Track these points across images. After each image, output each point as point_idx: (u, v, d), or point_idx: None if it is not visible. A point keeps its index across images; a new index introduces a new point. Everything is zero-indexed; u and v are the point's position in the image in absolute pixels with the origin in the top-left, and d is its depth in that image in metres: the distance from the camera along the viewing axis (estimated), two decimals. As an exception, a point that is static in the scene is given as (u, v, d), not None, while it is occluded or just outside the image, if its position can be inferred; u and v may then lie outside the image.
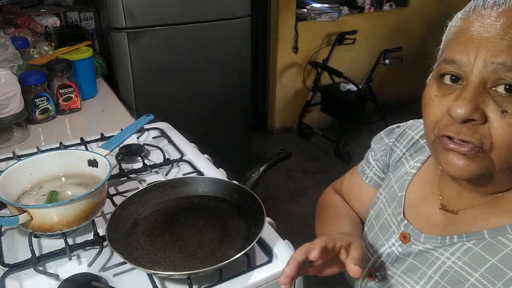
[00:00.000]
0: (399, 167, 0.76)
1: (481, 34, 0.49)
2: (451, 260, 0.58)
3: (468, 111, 0.48)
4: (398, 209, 0.69)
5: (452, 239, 0.59)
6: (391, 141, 0.80)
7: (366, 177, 0.86)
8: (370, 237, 0.74)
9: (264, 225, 0.73)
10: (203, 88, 2.11)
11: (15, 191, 0.83)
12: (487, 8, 0.51)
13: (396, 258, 0.66)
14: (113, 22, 1.83)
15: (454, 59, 0.51)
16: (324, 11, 3.34)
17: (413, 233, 0.65)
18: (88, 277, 0.70)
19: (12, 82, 1.21)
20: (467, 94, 0.49)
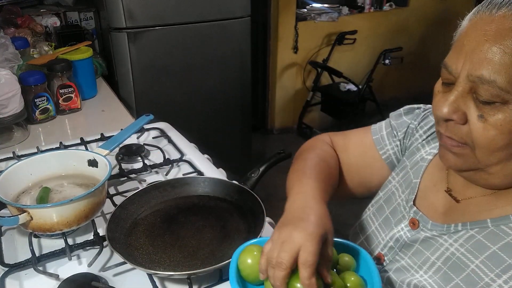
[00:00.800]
0: (415, 152, 0.76)
1: (471, 42, 0.53)
2: (454, 247, 0.60)
3: (447, 113, 0.55)
4: (410, 195, 0.71)
5: (457, 227, 0.61)
6: (414, 124, 0.79)
7: (384, 152, 0.82)
8: (381, 220, 0.75)
9: (264, 225, 0.74)
10: (203, 88, 2.11)
11: (15, 191, 0.83)
12: (486, 11, 0.54)
13: (404, 244, 0.68)
14: (113, 22, 1.83)
15: (447, 65, 0.56)
16: (324, 11, 3.34)
17: (422, 220, 0.67)
18: (88, 277, 0.70)
19: (12, 82, 1.21)
20: (451, 97, 0.55)
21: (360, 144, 0.85)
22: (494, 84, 0.50)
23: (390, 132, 0.83)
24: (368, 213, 0.80)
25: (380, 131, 0.84)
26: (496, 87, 0.50)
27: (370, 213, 0.79)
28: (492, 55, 0.51)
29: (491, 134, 0.52)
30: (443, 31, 3.89)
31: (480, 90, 0.52)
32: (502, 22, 0.51)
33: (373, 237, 0.75)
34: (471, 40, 0.53)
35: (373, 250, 0.74)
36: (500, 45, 0.50)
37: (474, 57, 0.52)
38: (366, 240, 0.76)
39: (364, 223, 0.79)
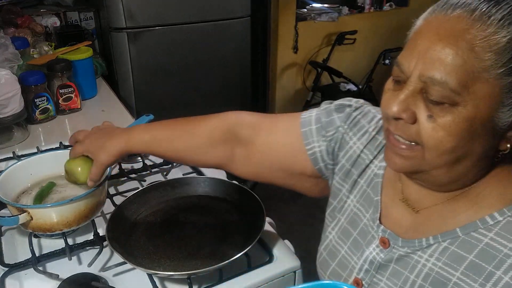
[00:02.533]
0: (366, 170, 0.73)
1: (424, 42, 0.53)
2: (431, 262, 0.59)
3: (396, 111, 0.54)
4: (375, 214, 0.69)
5: (428, 241, 0.60)
6: (344, 128, 0.74)
7: (310, 147, 0.76)
8: (350, 243, 0.72)
9: (264, 225, 0.74)
10: (203, 87, 2.11)
11: (15, 191, 0.83)
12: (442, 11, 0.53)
13: (379, 265, 0.66)
14: (113, 22, 1.83)
15: (399, 63, 0.56)
16: (324, 11, 3.34)
17: (391, 237, 0.65)
18: (88, 277, 0.70)
19: (12, 82, 1.21)
20: (401, 95, 0.54)
21: (287, 133, 0.79)
22: (445, 85, 0.50)
23: (319, 128, 0.76)
24: (330, 237, 0.75)
25: (309, 124, 0.77)
26: (447, 89, 0.50)
27: (336, 238, 0.74)
28: (445, 56, 0.50)
29: (440, 135, 0.52)
30: (443, 31, 3.89)
31: (431, 91, 0.51)
32: (457, 22, 0.51)
33: (345, 262, 0.71)
34: (424, 40, 0.53)
35: (349, 275, 0.70)
36: (453, 46, 0.50)
37: (426, 57, 0.52)
38: (338, 266, 0.72)
39: (331, 248, 0.74)
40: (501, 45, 0.48)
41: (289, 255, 0.78)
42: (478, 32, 0.49)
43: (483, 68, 0.49)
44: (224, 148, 0.80)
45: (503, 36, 0.49)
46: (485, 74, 0.49)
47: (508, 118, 0.51)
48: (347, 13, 3.41)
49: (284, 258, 0.77)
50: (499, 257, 0.53)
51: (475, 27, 0.49)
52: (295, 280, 0.78)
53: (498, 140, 0.53)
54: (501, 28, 0.49)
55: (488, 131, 0.52)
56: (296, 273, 0.77)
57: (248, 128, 0.80)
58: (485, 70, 0.49)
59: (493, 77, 0.49)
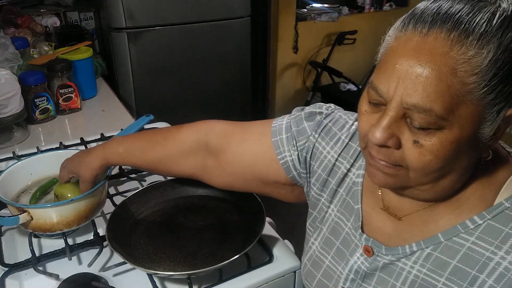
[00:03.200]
0: (344, 179, 0.71)
1: (403, 66, 0.49)
2: (416, 269, 0.59)
3: (382, 139, 0.52)
4: (357, 222, 0.68)
5: (412, 248, 0.60)
6: (314, 135, 0.74)
7: (282, 157, 0.76)
8: (333, 253, 0.70)
9: (264, 225, 0.74)
10: (203, 88, 2.11)
11: (15, 191, 0.83)
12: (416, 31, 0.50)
13: (364, 274, 0.65)
14: (113, 22, 1.83)
15: (377, 87, 0.52)
16: (324, 11, 3.34)
17: (375, 245, 0.64)
18: (88, 277, 0.70)
19: (12, 82, 1.21)
20: (384, 122, 0.52)
21: (258, 142, 0.78)
22: (430, 113, 0.48)
23: (289, 138, 0.76)
24: (314, 248, 0.74)
25: (280, 134, 0.77)
26: (433, 116, 0.48)
27: (319, 248, 0.73)
28: (428, 82, 0.47)
29: (427, 159, 0.50)
30: (443, 31, 3.89)
31: (415, 117, 0.49)
32: (435, 46, 0.47)
33: (330, 272, 0.70)
34: (403, 64, 0.49)
35: (335, 285, 0.69)
36: (435, 72, 0.47)
37: (407, 83, 0.48)
38: (324, 276, 0.71)
39: (315, 259, 0.73)
40: (483, 66, 0.46)
41: (289, 255, 0.78)
42: (459, 56, 0.47)
43: (467, 91, 0.47)
44: (196, 158, 0.81)
45: (484, 57, 0.46)
46: (469, 96, 0.47)
47: (490, 132, 0.50)
48: (347, 13, 3.41)
49: (284, 258, 0.77)
50: (482, 261, 0.53)
51: (455, 50, 0.47)
52: (295, 280, 0.78)
53: (481, 150, 0.53)
54: (481, 48, 0.46)
55: (473, 147, 0.51)
56: (296, 273, 0.77)
57: (219, 137, 0.80)
58: (470, 92, 0.47)
59: (476, 98, 0.47)
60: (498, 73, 0.47)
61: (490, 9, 0.48)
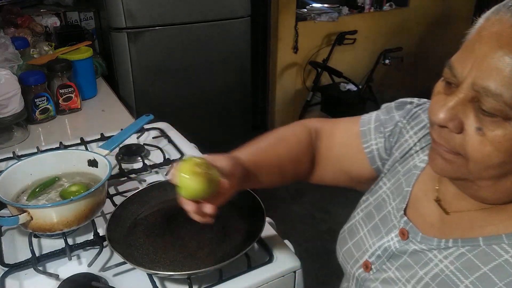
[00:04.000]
0: (408, 159, 0.72)
1: (482, 47, 0.48)
2: (444, 264, 0.58)
3: (442, 120, 0.51)
4: (401, 204, 0.68)
5: (447, 243, 0.59)
6: (402, 122, 0.74)
7: (368, 146, 0.77)
8: (370, 227, 0.72)
9: (264, 225, 0.74)
10: (203, 88, 2.11)
11: (15, 191, 0.83)
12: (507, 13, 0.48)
13: (392, 254, 0.66)
14: (113, 22, 1.83)
15: (452, 66, 0.52)
16: (324, 11, 3.34)
17: (412, 231, 0.64)
18: (88, 277, 0.70)
19: (12, 82, 1.21)
20: (450, 102, 0.51)
21: (346, 133, 0.81)
22: (499, 98, 0.46)
23: (378, 126, 0.77)
24: (357, 218, 0.76)
25: (369, 123, 0.79)
26: (501, 102, 0.46)
27: (359, 218, 0.75)
28: (504, 66, 0.46)
29: (487, 150, 0.49)
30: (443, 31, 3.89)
31: (485, 102, 0.48)
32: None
33: (361, 243, 0.72)
34: (483, 45, 0.48)
35: (360, 257, 0.71)
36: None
37: (483, 64, 0.47)
38: (354, 246, 0.73)
39: (353, 228, 0.75)
40: None
41: (289, 255, 0.78)
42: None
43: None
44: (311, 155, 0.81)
45: None
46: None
47: None
48: (347, 13, 3.41)
49: (284, 258, 0.77)
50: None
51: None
52: (295, 280, 0.78)
53: None
54: None
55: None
56: (296, 273, 0.77)
57: (316, 134, 0.83)
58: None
59: None
60: None
61: None
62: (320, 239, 2.33)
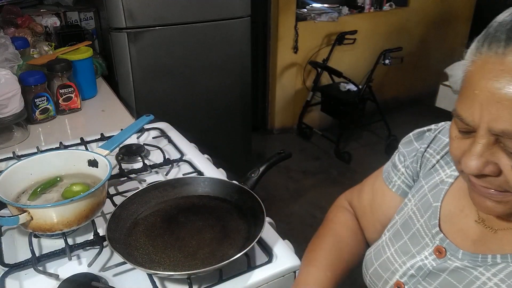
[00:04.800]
0: (433, 174, 0.70)
1: (483, 91, 0.46)
2: (493, 282, 0.54)
3: (477, 169, 0.49)
4: (433, 220, 0.65)
5: (495, 259, 0.55)
6: (423, 147, 0.73)
7: (393, 185, 0.78)
8: (398, 246, 0.69)
9: (264, 225, 0.73)
10: (203, 88, 2.11)
11: (15, 191, 0.83)
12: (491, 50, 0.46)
13: (428, 273, 0.62)
14: (113, 22, 1.83)
15: (461, 116, 0.50)
16: (324, 11, 3.34)
17: (450, 248, 0.61)
18: (88, 277, 0.70)
19: (12, 82, 1.21)
20: (475, 150, 0.48)
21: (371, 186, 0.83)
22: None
23: (397, 163, 0.78)
24: (383, 238, 0.73)
25: (388, 167, 0.80)
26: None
27: (386, 239, 0.72)
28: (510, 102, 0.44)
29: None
30: (443, 31, 3.89)
31: (507, 143, 0.46)
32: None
33: (388, 263, 0.69)
34: (482, 89, 0.46)
35: (390, 277, 0.68)
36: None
37: (491, 108, 0.45)
38: (380, 266, 0.70)
39: (380, 249, 0.73)
40: None
41: (289, 255, 0.78)
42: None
43: None
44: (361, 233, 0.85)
45: None
46: None
47: None
48: (347, 13, 3.41)
49: (284, 258, 0.77)
50: None
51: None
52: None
53: None
54: None
55: None
56: (296, 273, 0.76)
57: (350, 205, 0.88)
58: None
59: None
60: None
61: None
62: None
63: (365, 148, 3.40)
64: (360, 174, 3.33)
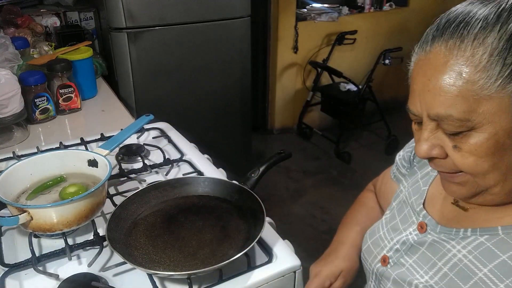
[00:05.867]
0: (426, 164, 0.77)
1: (418, 84, 0.55)
2: (462, 253, 0.60)
3: (425, 152, 0.56)
4: (419, 200, 0.72)
5: (466, 233, 0.61)
6: None
7: (392, 173, 0.89)
8: (390, 226, 0.76)
9: (264, 225, 0.74)
10: (203, 88, 2.11)
11: (15, 191, 0.83)
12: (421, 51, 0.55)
13: (410, 246, 0.68)
14: (113, 22, 1.83)
15: (409, 108, 0.58)
16: (324, 11, 3.34)
17: (430, 223, 0.67)
18: (88, 277, 0.70)
19: (12, 82, 1.21)
20: (423, 135, 0.56)
21: (383, 176, 0.94)
22: (451, 118, 0.51)
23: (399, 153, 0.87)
24: (380, 221, 0.81)
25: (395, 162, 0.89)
26: (455, 120, 0.51)
27: (382, 221, 0.80)
28: (438, 91, 0.51)
29: (471, 161, 0.53)
30: (443, 31, 3.88)
31: (444, 125, 0.53)
32: (436, 58, 0.52)
33: (380, 240, 0.76)
34: (417, 82, 0.55)
35: (379, 253, 0.74)
36: (442, 81, 0.51)
37: (425, 98, 0.53)
38: (373, 244, 0.77)
39: (375, 229, 0.80)
40: (484, 62, 0.48)
41: (289, 255, 0.78)
42: (458, 60, 0.50)
43: (479, 88, 0.49)
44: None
45: (482, 53, 0.48)
46: (484, 92, 0.49)
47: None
48: (347, 13, 3.41)
49: (284, 258, 0.77)
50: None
51: (453, 56, 0.50)
52: (295, 280, 0.78)
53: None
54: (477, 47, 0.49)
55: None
56: (296, 273, 0.77)
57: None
58: (482, 88, 0.49)
59: (494, 92, 0.49)
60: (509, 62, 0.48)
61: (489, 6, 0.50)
62: (320, 239, 2.33)
63: (365, 148, 3.40)
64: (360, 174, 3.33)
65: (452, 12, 0.53)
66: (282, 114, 3.54)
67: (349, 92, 3.19)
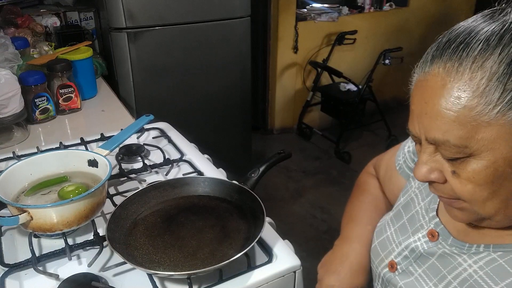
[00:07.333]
0: None
1: (416, 106, 0.53)
2: (473, 269, 0.57)
3: (423, 176, 0.54)
4: (432, 205, 0.68)
5: (479, 248, 0.58)
6: None
7: (398, 163, 0.84)
8: (397, 226, 0.73)
9: (264, 225, 0.73)
10: (203, 88, 2.11)
11: (15, 191, 0.83)
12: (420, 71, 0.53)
13: (419, 255, 0.65)
14: (113, 22, 1.83)
15: (408, 130, 0.56)
16: (324, 11, 3.34)
17: (442, 233, 0.64)
18: (88, 277, 0.70)
19: (12, 82, 1.21)
20: (421, 158, 0.54)
21: (387, 161, 0.90)
22: (449, 143, 0.49)
23: (406, 143, 0.83)
24: (386, 218, 0.78)
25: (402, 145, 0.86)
26: (452, 146, 0.49)
27: (388, 218, 0.77)
28: (436, 116, 0.49)
29: (469, 188, 0.50)
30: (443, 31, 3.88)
31: (441, 150, 0.51)
32: (434, 80, 0.49)
33: (387, 242, 0.73)
34: (415, 104, 0.53)
35: (386, 256, 0.72)
36: (439, 106, 0.48)
37: (422, 121, 0.51)
38: (380, 244, 0.75)
39: (382, 228, 0.77)
40: (482, 87, 0.46)
41: (289, 255, 0.78)
42: (456, 84, 0.47)
43: (477, 114, 0.46)
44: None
45: (480, 78, 0.46)
46: (483, 118, 0.46)
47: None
48: (347, 13, 3.41)
49: (284, 258, 0.77)
50: None
51: (451, 78, 0.48)
52: (295, 280, 0.78)
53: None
54: (476, 71, 0.46)
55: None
56: (296, 273, 0.77)
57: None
58: (481, 114, 0.46)
59: (493, 118, 0.46)
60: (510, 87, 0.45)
61: (491, 27, 0.47)
62: (320, 239, 2.33)
63: (365, 148, 3.39)
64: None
65: (454, 31, 0.51)
66: (282, 114, 3.54)
67: (349, 92, 3.19)
